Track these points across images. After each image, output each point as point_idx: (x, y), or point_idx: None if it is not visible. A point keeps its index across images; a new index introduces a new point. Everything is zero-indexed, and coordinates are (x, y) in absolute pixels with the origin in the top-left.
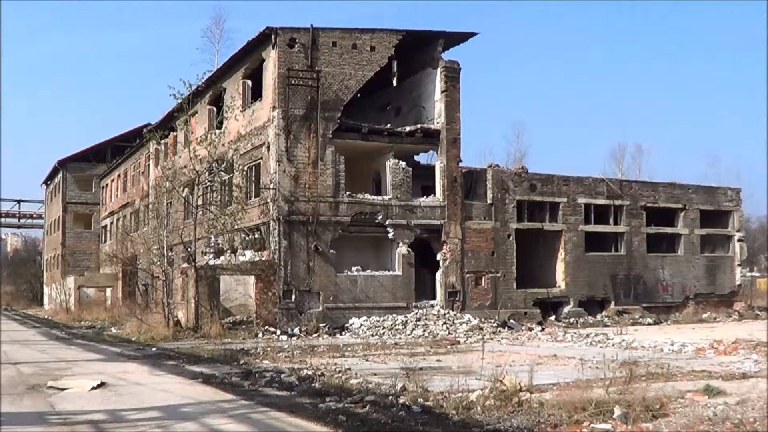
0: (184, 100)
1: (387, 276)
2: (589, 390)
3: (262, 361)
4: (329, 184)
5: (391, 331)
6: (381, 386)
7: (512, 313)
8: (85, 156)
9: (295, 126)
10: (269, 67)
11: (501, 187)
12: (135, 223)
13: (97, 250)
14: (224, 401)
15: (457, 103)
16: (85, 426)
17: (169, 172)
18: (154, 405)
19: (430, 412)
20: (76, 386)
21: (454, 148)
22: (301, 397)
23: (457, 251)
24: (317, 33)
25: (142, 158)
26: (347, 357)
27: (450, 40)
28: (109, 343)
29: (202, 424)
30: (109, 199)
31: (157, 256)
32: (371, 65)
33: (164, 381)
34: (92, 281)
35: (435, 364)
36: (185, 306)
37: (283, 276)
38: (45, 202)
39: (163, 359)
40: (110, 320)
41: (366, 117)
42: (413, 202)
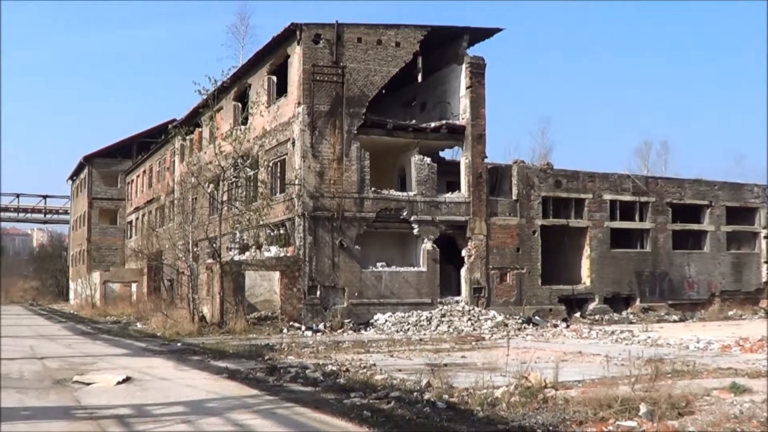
0: (210, 96)
1: (412, 272)
2: (614, 387)
3: (286, 356)
4: (354, 180)
5: (416, 327)
6: (406, 382)
7: (537, 309)
8: (110, 152)
9: (320, 122)
10: (294, 63)
11: (526, 183)
12: (160, 219)
13: (123, 246)
14: (249, 396)
15: (482, 98)
16: (110, 420)
17: (194, 168)
18: (180, 400)
19: (455, 409)
20: (101, 381)
21: (480, 144)
22: (325, 393)
23: (482, 247)
24: (342, 29)
25: (167, 154)
26: (372, 353)
27: (475, 36)
28: (134, 338)
29: (227, 419)
30: (134, 194)
31: (183, 252)
32: (396, 61)
33: (189, 376)
34: (117, 276)
35: (460, 360)
36: (210, 301)
37: (308, 272)
38: (71, 197)
39: (188, 354)
40: (135, 315)
41: (391, 113)
42: (438, 198)
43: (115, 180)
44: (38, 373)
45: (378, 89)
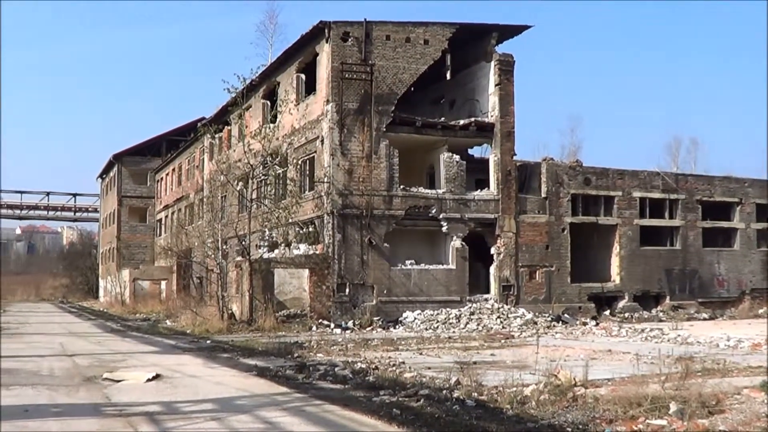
0: (239, 95)
1: (441, 270)
2: (644, 385)
3: (315, 354)
4: (383, 178)
5: (445, 325)
6: (435, 380)
7: (566, 307)
8: (140, 150)
9: (348, 120)
10: (323, 61)
11: (555, 180)
12: (189, 217)
13: (152, 243)
14: (278, 394)
15: (511, 96)
16: (140, 417)
17: (223, 166)
18: (209, 397)
19: (484, 407)
20: (131, 378)
21: (509, 142)
22: (355, 391)
23: (511, 245)
24: (371, 27)
25: (196, 152)
26: (401, 350)
27: (504, 33)
28: (163, 336)
29: (256, 416)
30: (163, 192)
31: (212, 249)
32: (425, 59)
33: (219, 373)
34: (147, 274)
35: (489, 358)
36: (239, 299)
37: (337, 269)
38: (100, 195)
39: (217, 352)
40: (165, 313)
41: (420, 110)
42: (467, 196)
43: (145, 178)
44: (68, 370)
45: (407, 87)
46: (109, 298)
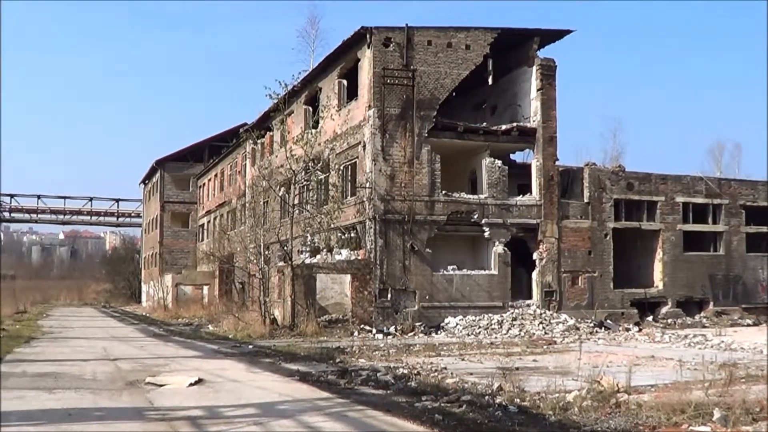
0: (280, 100)
1: (483, 275)
2: (687, 392)
3: (357, 359)
4: (425, 183)
5: (487, 331)
6: (477, 386)
7: (609, 313)
8: (182, 156)
9: (390, 125)
10: (364, 67)
11: (598, 185)
12: (232, 222)
13: (194, 249)
14: (321, 399)
15: (553, 101)
16: (183, 422)
17: (265, 172)
18: (251, 402)
19: (526, 413)
20: (174, 382)
21: (551, 147)
22: (397, 396)
23: (553, 250)
24: (412, 32)
25: (238, 158)
26: (443, 356)
27: (545, 38)
28: (206, 340)
29: (298, 421)
30: (206, 198)
31: (254, 255)
32: (466, 64)
33: (261, 378)
34: (189, 279)
35: (531, 364)
36: (281, 304)
37: (379, 275)
38: (143, 201)
39: (259, 357)
40: (207, 317)
41: (461, 115)
42: (509, 201)
43: (187, 183)
44: (111, 374)
45: (448, 92)
46: (151, 303)
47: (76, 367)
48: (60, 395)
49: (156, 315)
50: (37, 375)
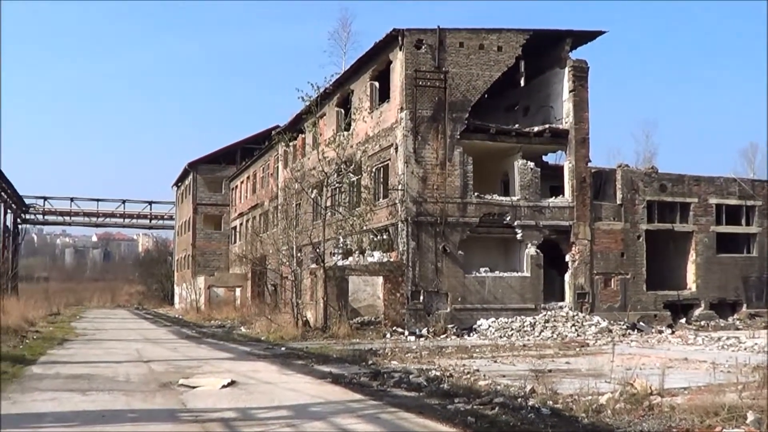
0: (313, 103)
1: (515, 277)
2: (721, 394)
3: (390, 361)
4: (457, 185)
5: (519, 333)
6: (510, 388)
7: (642, 315)
8: (214, 158)
9: (422, 127)
10: (396, 69)
11: (630, 187)
12: (264, 224)
13: (227, 251)
14: (353, 401)
15: (585, 102)
16: (216, 424)
17: (297, 174)
18: (284, 404)
19: (559, 415)
20: (206, 384)
21: (583, 148)
22: (429, 398)
23: (586, 252)
24: (444, 34)
25: (271, 160)
26: (475, 358)
27: (578, 39)
28: (238, 342)
29: (331, 423)
30: (238, 200)
31: (286, 257)
32: (498, 65)
33: (293, 380)
34: (222, 281)
35: (564, 366)
36: (314, 306)
37: (411, 277)
38: (176, 203)
39: (292, 359)
40: (240, 319)
41: (493, 117)
42: (542, 203)
43: (220, 186)
44: (144, 376)
45: (480, 94)
46: (184, 305)
47: (110, 369)
48: (93, 397)
49: (189, 317)
50: (71, 377)
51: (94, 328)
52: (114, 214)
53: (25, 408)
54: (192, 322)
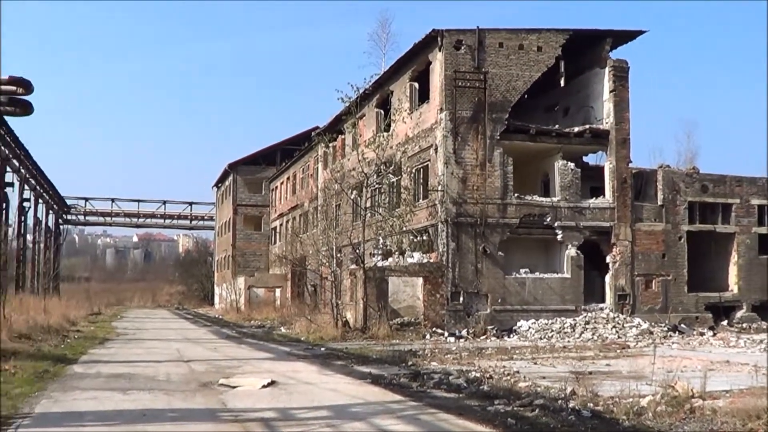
0: (352, 104)
1: (555, 278)
2: (763, 398)
3: (429, 362)
4: (497, 186)
5: (559, 334)
6: (550, 390)
7: (683, 317)
8: (254, 159)
9: (462, 128)
10: (436, 69)
11: (672, 188)
12: (304, 225)
13: (267, 251)
14: (393, 402)
15: (626, 102)
16: (256, 423)
17: (337, 175)
18: (324, 404)
19: (600, 417)
20: (247, 384)
21: (624, 149)
22: (469, 400)
23: (626, 253)
24: (483, 34)
25: (310, 161)
26: (515, 360)
27: (618, 39)
28: (278, 343)
29: (371, 424)
30: (278, 201)
31: (326, 258)
32: (538, 66)
33: (333, 381)
34: (262, 281)
35: (604, 368)
36: (353, 307)
37: (451, 278)
38: (216, 204)
39: (331, 359)
40: (279, 320)
41: (533, 118)
42: (582, 204)
43: (260, 187)
44: (185, 375)
45: (520, 94)
46: (224, 305)
47: (150, 369)
48: (134, 396)
49: (229, 317)
50: (112, 376)
51: (134, 327)
52: (155, 214)
53: (66, 407)
54: (232, 322)
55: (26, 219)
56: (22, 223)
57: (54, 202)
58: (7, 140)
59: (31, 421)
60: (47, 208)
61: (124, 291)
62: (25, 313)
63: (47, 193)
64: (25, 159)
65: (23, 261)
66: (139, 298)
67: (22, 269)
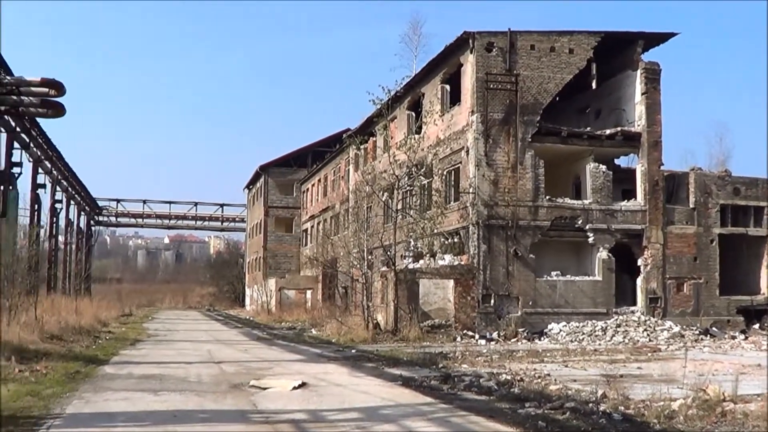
0: (384, 106)
1: (587, 281)
2: None
3: (460, 365)
4: (529, 188)
5: (590, 337)
6: (581, 393)
7: (714, 320)
8: (286, 161)
9: (493, 130)
10: (467, 72)
11: (703, 190)
12: (335, 227)
13: (298, 253)
14: (423, 404)
15: (657, 105)
16: (286, 425)
17: (369, 177)
18: (354, 406)
19: (631, 421)
20: (277, 386)
21: (655, 151)
22: (500, 402)
23: (658, 256)
24: (515, 36)
25: (342, 163)
26: (546, 362)
27: (649, 41)
28: (309, 344)
29: (401, 426)
30: (309, 203)
31: (357, 260)
32: (570, 68)
33: (364, 383)
34: (293, 283)
35: (636, 371)
36: (384, 309)
37: (482, 280)
38: (247, 206)
39: (362, 361)
40: (310, 322)
41: (565, 120)
42: (614, 207)
43: (291, 189)
44: (216, 377)
45: (552, 96)
46: (255, 307)
47: (181, 370)
48: (165, 397)
49: (259, 318)
50: (143, 377)
51: (165, 329)
52: (186, 216)
53: (97, 408)
54: (263, 323)
55: (58, 220)
56: (54, 224)
57: (86, 203)
58: (39, 142)
59: (63, 422)
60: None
61: (155, 292)
62: (57, 314)
63: (79, 194)
64: (57, 160)
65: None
66: (170, 299)
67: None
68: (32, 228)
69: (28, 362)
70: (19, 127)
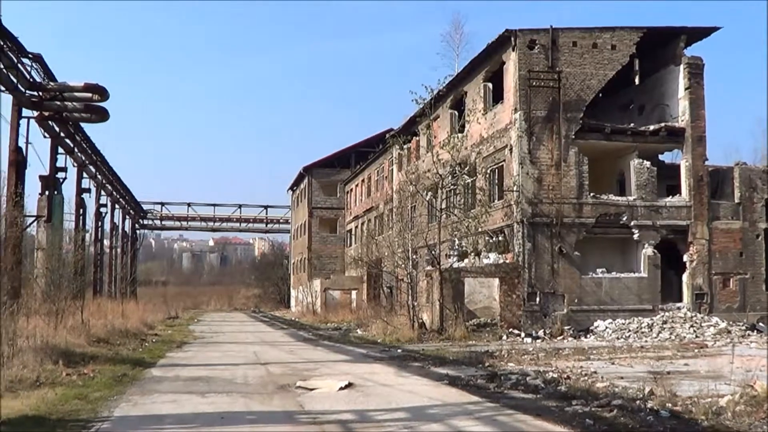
0: (426, 105)
1: (632, 278)
2: None
3: (506, 363)
4: (573, 186)
5: (636, 334)
6: (628, 390)
7: (761, 316)
8: (329, 162)
9: (537, 128)
10: (509, 70)
11: (749, 185)
12: (379, 227)
13: (342, 254)
14: (470, 403)
15: (701, 100)
16: (333, 425)
17: (412, 176)
18: (401, 406)
19: (678, 418)
20: (324, 386)
21: (700, 147)
22: (546, 400)
23: (703, 252)
24: (557, 33)
25: (385, 163)
26: (592, 360)
27: (692, 36)
28: (354, 345)
29: (448, 425)
30: (353, 203)
31: (402, 259)
32: (612, 64)
33: (410, 382)
34: (338, 284)
35: (682, 368)
36: (430, 308)
37: (527, 278)
38: (291, 207)
39: (408, 361)
40: (356, 322)
41: (608, 116)
42: (658, 203)
43: (334, 189)
44: (262, 378)
45: (594, 93)
46: (300, 308)
47: (228, 372)
48: (212, 399)
49: (305, 319)
50: (190, 379)
51: (211, 331)
52: (230, 218)
53: (145, 410)
54: (308, 324)
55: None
56: (99, 228)
57: (130, 207)
58: (84, 147)
59: (111, 424)
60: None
61: (200, 295)
62: (103, 318)
63: (123, 198)
64: (101, 165)
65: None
66: (216, 301)
67: (99, 274)
68: (77, 232)
69: (75, 366)
70: (63, 132)
